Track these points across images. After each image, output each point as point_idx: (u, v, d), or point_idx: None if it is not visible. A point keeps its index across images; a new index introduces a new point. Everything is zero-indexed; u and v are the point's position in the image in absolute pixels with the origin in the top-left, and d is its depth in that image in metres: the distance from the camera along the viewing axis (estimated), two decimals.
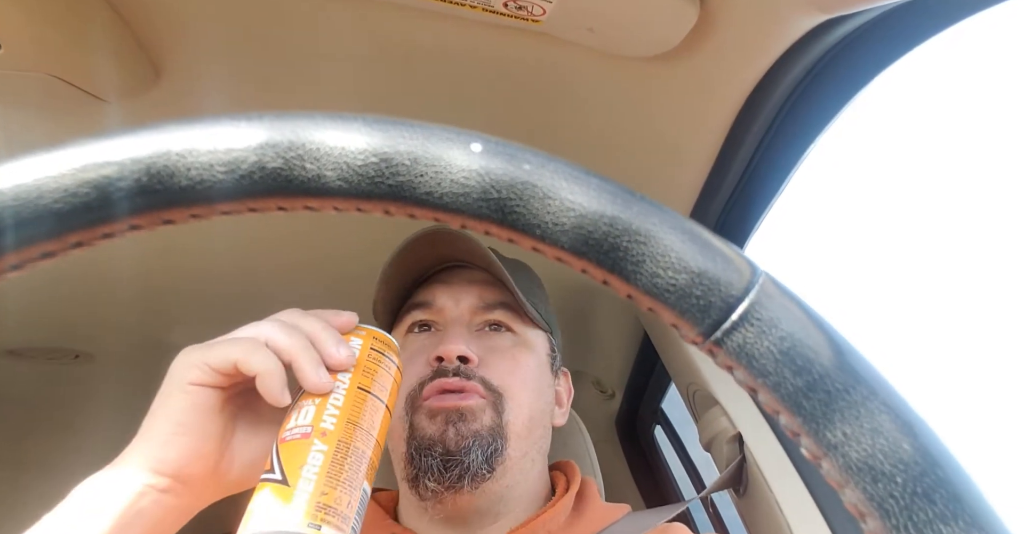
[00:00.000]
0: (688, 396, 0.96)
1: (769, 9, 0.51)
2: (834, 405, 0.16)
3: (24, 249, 0.17)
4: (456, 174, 0.17)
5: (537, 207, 0.17)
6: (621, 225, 0.17)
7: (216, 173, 0.17)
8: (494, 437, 0.52)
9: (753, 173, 0.71)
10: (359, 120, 0.17)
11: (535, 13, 0.52)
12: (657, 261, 0.17)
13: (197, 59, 0.61)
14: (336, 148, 0.17)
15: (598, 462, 0.78)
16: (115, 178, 0.16)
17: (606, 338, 1.22)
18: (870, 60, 0.56)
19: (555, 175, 0.17)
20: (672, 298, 0.17)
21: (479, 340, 0.57)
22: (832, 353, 0.16)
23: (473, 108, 0.68)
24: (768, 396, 0.16)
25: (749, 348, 0.16)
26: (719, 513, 1.03)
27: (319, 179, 0.17)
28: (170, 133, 0.17)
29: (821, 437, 0.16)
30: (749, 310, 0.16)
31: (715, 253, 0.17)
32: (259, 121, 0.17)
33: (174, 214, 0.17)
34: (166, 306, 1.06)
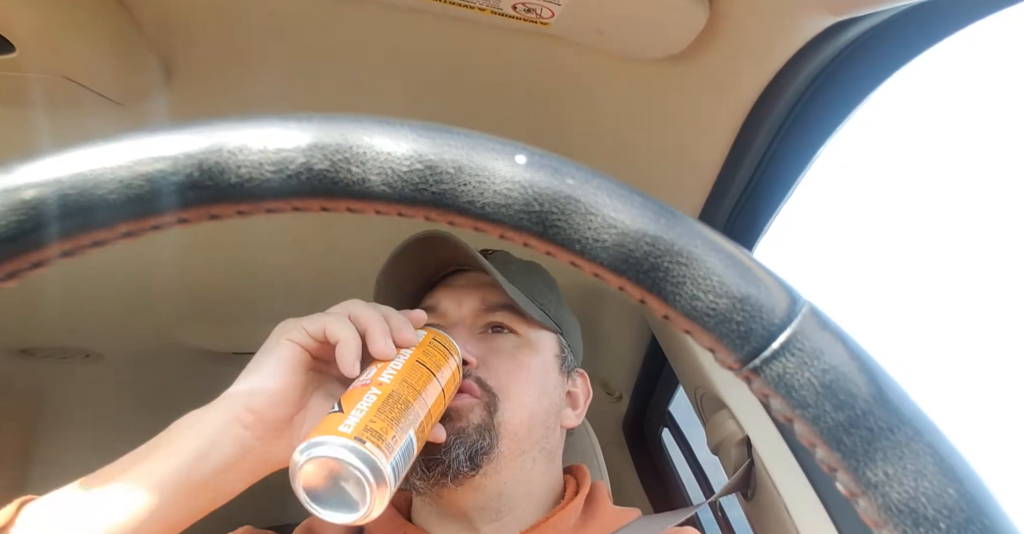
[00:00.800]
0: (696, 399, 0.95)
1: (779, 11, 0.51)
2: (877, 443, 0.15)
3: (77, 236, 0.17)
4: (499, 185, 0.17)
5: (579, 222, 0.17)
6: (663, 245, 0.16)
7: (265, 172, 0.17)
8: (481, 434, 0.53)
9: (762, 176, 0.70)
10: (406, 126, 0.17)
11: (544, 15, 0.52)
12: (698, 284, 0.16)
13: (208, 62, 0.61)
14: (382, 153, 0.17)
15: (605, 464, 0.78)
16: (169, 172, 0.17)
17: (614, 340, 1.21)
18: (881, 63, 0.56)
19: (598, 191, 0.17)
20: (711, 322, 0.16)
21: (481, 342, 0.58)
22: (877, 390, 0.16)
23: (482, 110, 0.68)
24: (806, 428, 0.16)
25: (789, 378, 0.16)
26: (727, 516, 1.02)
27: (364, 183, 0.17)
28: (223, 130, 0.17)
29: (861, 475, 0.15)
30: (791, 339, 0.16)
31: (758, 279, 0.17)
32: (308, 122, 0.17)
33: (221, 210, 0.18)
34: (174, 307, 1.07)
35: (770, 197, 0.73)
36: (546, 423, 0.58)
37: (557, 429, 0.60)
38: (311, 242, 0.92)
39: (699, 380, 0.90)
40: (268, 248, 0.93)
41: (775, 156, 0.67)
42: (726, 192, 0.73)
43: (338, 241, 0.92)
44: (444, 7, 0.52)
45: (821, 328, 0.16)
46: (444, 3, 0.52)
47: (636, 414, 1.43)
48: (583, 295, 1.06)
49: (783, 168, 0.69)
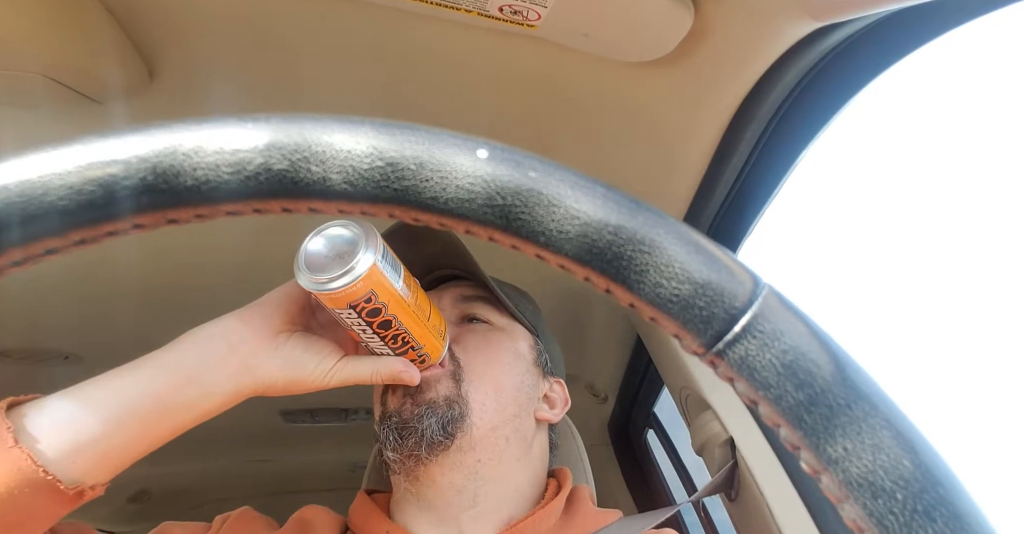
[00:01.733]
0: (680, 400, 0.96)
1: (763, 16, 0.52)
2: (836, 420, 0.16)
3: (28, 245, 0.17)
4: (462, 180, 0.17)
5: (542, 214, 0.17)
6: (625, 234, 0.17)
7: (222, 174, 0.17)
8: (450, 405, 0.54)
9: (746, 178, 0.71)
10: (366, 124, 0.17)
11: (530, 18, 0.52)
12: (661, 271, 0.16)
13: (191, 60, 0.61)
14: (342, 151, 0.17)
15: (591, 466, 0.78)
16: (121, 177, 0.16)
17: (599, 342, 1.22)
18: (862, 68, 0.57)
19: (561, 183, 0.17)
20: (675, 309, 0.17)
21: (456, 327, 0.60)
22: (835, 368, 0.16)
23: (467, 112, 0.68)
24: (769, 409, 0.16)
25: (751, 360, 0.16)
26: (710, 517, 1.03)
27: (324, 182, 0.17)
28: (177, 133, 0.17)
29: (822, 452, 0.16)
30: (752, 322, 0.16)
31: (719, 264, 0.17)
32: (266, 123, 0.17)
33: (179, 214, 0.17)
34: (155, 308, 1.06)
35: (754, 199, 0.74)
36: (517, 400, 0.58)
37: (531, 416, 0.60)
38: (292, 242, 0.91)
39: (684, 381, 0.90)
40: (251, 249, 0.92)
41: (759, 158, 0.68)
42: (711, 194, 0.74)
43: None
44: (430, 8, 0.52)
45: (781, 310, 0.17)
46: (430, 4, 0.52)
47: (621, 416, 1.44)
48: (568, 299, 1.06)
49: (767, 170, 0.69)
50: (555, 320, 0.70)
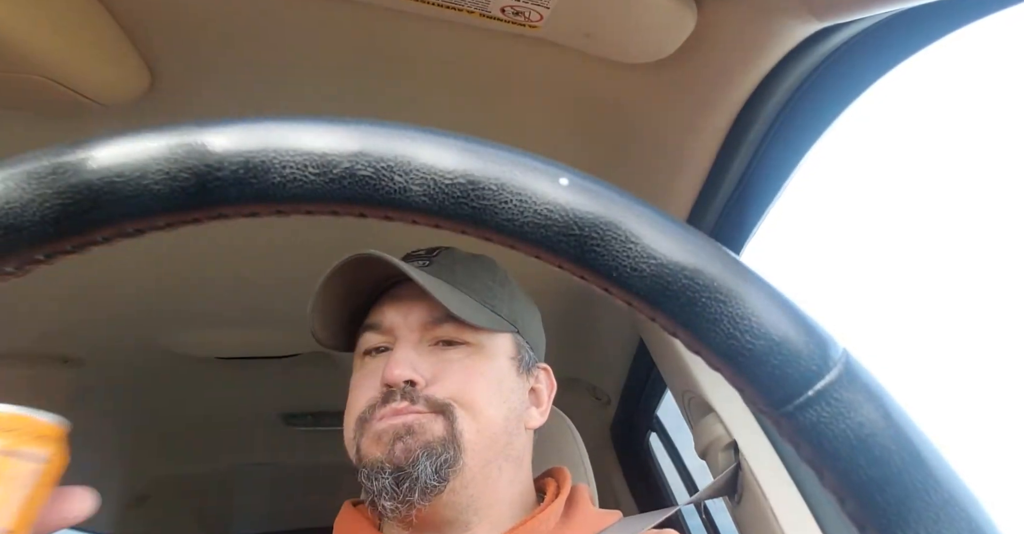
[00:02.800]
0: (683, 403, 0.96)
1: (765, 17, 0.51)
2: (910, 504, 0.15)
3: (117, 224, 0.17)
4: (540, 205, 0.17)
5: (618, 250, 0.16)
6: (702, 280, 0.16)
7: (308, 174, 0.17)
8: (445, 447, 0.52)
9: (750, 179, 0.71)
10: (451, 138, 0.17)
11: (532, 19, 0.52)
12: (736, 323, 0.16)
13: (191, 62, 0.61)
14: (427, 164, 0.17)
15: (593, 469, 0.77)
16: (215, 167, 0.17)
17: (602, 345, 1.21)
18: (865, 68, 0.57)
19: (640, 219, 0.17)
20: (745, 363, 0.16)
21: (431, 355, 0.56)
22: (913, 448, 0.15)
23: (469, 112, 0.68)
24: (836, 481, 0.16)
25: (823, 428, 0.16)
26: (713, 519, 1.03)
27: (404, 192, 0.17)
28: (270, 129, 0.17)
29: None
30: (828, 388, 0.16)
31: (798, 322, 0.16)
32: (356, 128, 0.17)
33: (261, 208, 0.18)
34: (156, 311, 1.06)
35: (758, 200, 0.74)
36: (508, 429, 0.56)
37: (522, 433, 0.59)
38: (291, 249, 0.91)
39: (687, 384, 0.90)
40: (248, 254, 0.92)
41: (763, 159, 0.68)
42: (715, 195, 0.74)
43: (317, 248, 0.91)
44: (433, 9, 0.52)
45: (859, 379, 0.16)
46: (433, 6, 0.52)
47: (624, 419, 1.43)
48: (570, 300, 1.05)
49: (771, 171, 0.69)
50: (558, 322, 0.69)
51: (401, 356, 0.55)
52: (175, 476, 1.91)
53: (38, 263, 0.17)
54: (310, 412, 1.60)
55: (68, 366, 1.22)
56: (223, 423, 1.62)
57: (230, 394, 1.44)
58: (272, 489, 2.20)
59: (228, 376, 1.34)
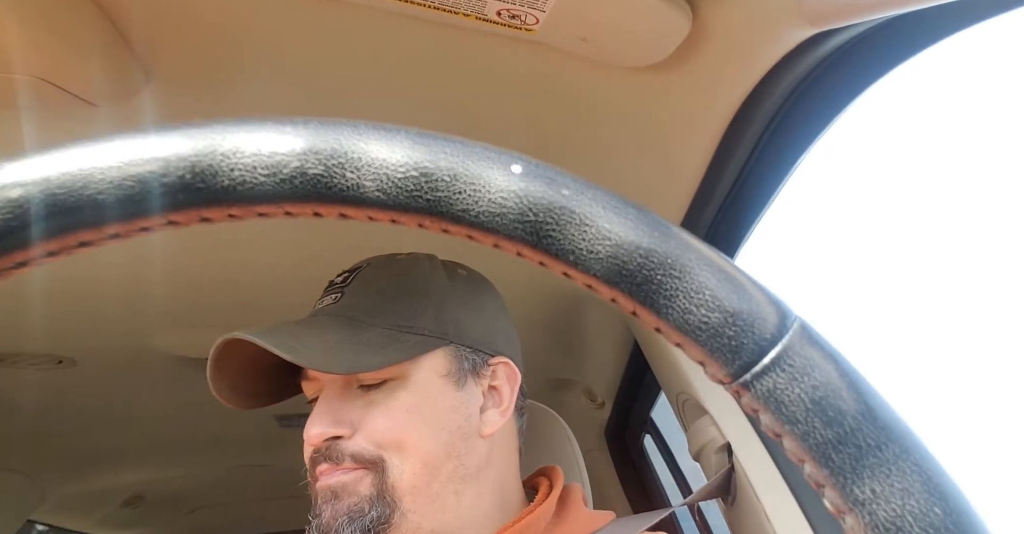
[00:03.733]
0: (677, 405, 0.96)
1: (760, 22, 0.52)
2: (865, 461, 0.15)
3: (63, 237, 0.17)
4: (495, 194, 0.17)
5: (573, 233, 0.17)
6: (657, 258, 0.16)
7: (258, 175, 0.17)
8: (372, 506, 0.50)
9: (744, 183, 0.71)
10: (403, 132, 0.17)
11: (528, 22, 0.52)
12: (691, 297, 0.16)
13: (189, 65, 0.60)
14: (378, 159, 0.17)
15: (587, 471, 0.78)
16: (160, 174, 0.17)
17: (596, 347, 1.22)
18: (860, 73, 0.57)
19: (593, 202, 0.17)
20: (703, 336, 0.16)
21: (358, 399, 0.54)
22: (866, 407, 0.16)
23: (465, 116, 0.68)
24: (795, 444, 0.16)
25: (779, 394, 0.16)
26: (706, 521, 1.03)
27: (358, 189, 0.17)
28: (217, 133, 0.17)
29: (848, 492, 0.16)
30: (782, 355, 0.16)
31: (751, 294, 0.17)
32: (304, 127, 0.17)
33: (212, 212, 0.17)
34: (150, 313, 1.05)
35: (752, 204, 0.74)
36: (453, 453, 0.54)
37: (476, 446, 0.55)
38: (288, 249, 0.91)
39: (681, 387, 0.90)
40: (244, 255, 0.91)
41: (757, 164, 0.68)
42: (709, 199, 0.74)
43: (316, 247, 0.91)
44: (428, 12, 0.52)
45: (812, 344, 0.16)
46: (428, 8, 0.52)
47: (618, 421, 1.43)
48: (564, 302, 1.06)
49: (765, 175, 0.69)
50: (552, 324, 0.69)
51: (320, 411, 0.53)
52: (169, 477, 1.90)
53: None
54: (303, 414, 1.59)
55: (62, 367, 1.21)
56: (216, 424, 1.61)
57: None
58: (266, 491, 2.19)
59: None
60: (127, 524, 2.14)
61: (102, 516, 2.01)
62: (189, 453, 1.77)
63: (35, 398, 1.35)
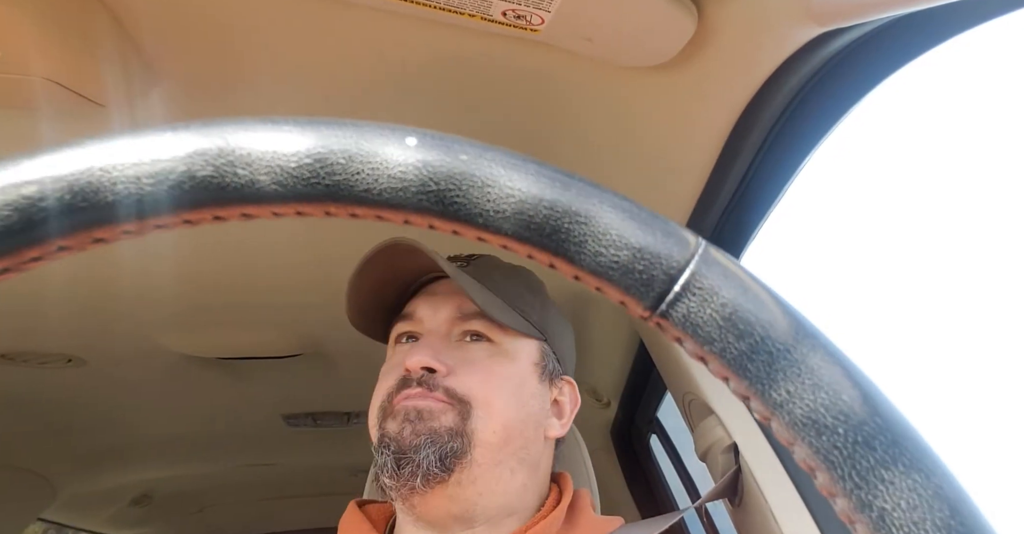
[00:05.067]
0: (684, 405, 0.96)
1: (766, 22, 0.51)
2: (776, 365, 0.16)
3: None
4: (393, 169, 0.17)
5: (477, 196, 0.17)
6: (561, 207, 0.17)
7: (144, 186, 0.16)
8: (452, 437, 0.52)
9: (750, 183, 0.71)
10: (289, 122, 0.17)
11: (533, 22, 0.52)
12: (598, 240, 0.17)
13: (194, 65, 0.61)
14: (267, 152, 0.17)
15: (594, 471, 0.78)
16: (36, 198, 0.16)
17: (601, 347, 1.21)
18: (866, 73, 0.57)
19: (492, 163, 0.17)
20: (616, 275, 0.17)
21: (456, 350, 0.57)
22: (772, 314, 0.16)
23: (470, 116, 0.68)
24: (716, 363, 0.17)
25: (693, 317, 0.17)
26: (713, 523, 1.03)
27: (253, 185, 0.17)
28: (92, 148, 0.16)
29: (767, 397, 0.16)
30: (690, 280, 0.17)
31: (654, 227, 0.17)
32: (185, 130, 0.17)
33: (104, 232, 0.17)
34: (158, 312, 1.06)
35: (758, 204, 0.74)
36: (524, 433, 0.56)
37: (540, 439, 0.59)
38: (297, 249, 0.91)
39: (687, 386, 0.90)
40: (253, 255, 0.92)
41: (763, 164, 0.68)
42: (714, 199, 0.74)
43: (325, 245, 0.91)
44: (433, 13, 0.52)
45: (717, 266, 0.17)
46: (433, 9, 0.52)
47: (624, 421, 1.43)
48: (570, 302, 1.06)
49: (771, 175, 0.69)
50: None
51: (424, 344, 0.56)
52: (176, 476, 1.91)
53: None
54: (310, 413, 1.60)
55: (72, 366, 1.22)
56: (224, 423, 1.62)
57: (231, 394, 1.45)
58: (273, 490, 2.20)
59: (229, 376, 1.34)
60: (136, 523, 2.15)
61: (111, 515, 2.03)
62: (197, 452, 1.79)
63: (45, 397, 1.36)
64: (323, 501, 2.21)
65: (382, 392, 0.57)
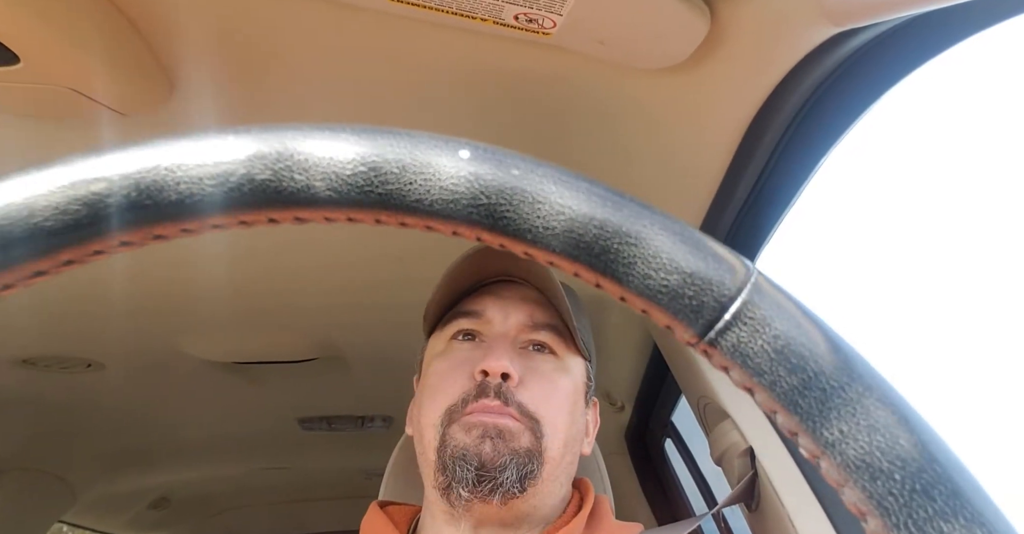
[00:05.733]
0: (699, 409, 0.95)
1: (780, 22, 0.51)
2: (830, 402, 0.16)
3: (15, 268, 0.17)
4: (445, 181, 0.17)
5: (527, 211, 0.17)
6: (611, 227, 0.17)
7: (205, 186, 0.17)
8: (530, 459, 0.52)
9: (764, 186, 0.70)
10: (347, 130, 0.17)
11: (545, 26, 0.53)
12: (648, 262, 0.17)
13: (213, 73, 0.62)
14: (324, 158, 0.17)
15: (608, 475, 0.77)
16: (104, 194, 0.16)
17: (616, 350, 1.21)
18: (882, 73, 0.56)
19: (544, 179, 0.17)
20: (665, 299, 0.17)
21: (522, 359, 0.57)
22: (826, 350, 0.16)
23: (484, 121, 0.68)
24: (764, 395, 0.16)
25: (743, 347, 0.16)
26: (730, 527, 1.02)
27: (308, 190, 0.17)
28: (159, 148, 0.17)
29: (818, 435, 0.16)
30: (742, 309, 0.16)
31: (706, 253, 0.17)
32: (247, 134, 0.17)
33: (165, 229, 0.17)
34: (176, 316, 1.07)
35: (773, 207, 0.73)
36: (574, 449, 0.58)
37: (577, 456, 0.60)
38: (313, 254, 0.92)
39: (702, 390, 0.89)
40: (270, 257, 0.93)
41: (777, 166, 0.67)
42: (728, 202, 0.73)
43: (341, 250, 0.92)
44: (446, 17, 0.53)
45: (770, 296, 0.17)
46: (446, 13, 0.52)
47: (639, 425, 1.42)
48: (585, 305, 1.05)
49: (786, 178, 0.69)
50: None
51: (502, 349, 0.56)
52: (194, 479, 1.93)
53: None
54: (325, 417, 1.61)
55: (91, 370, 1.24)
56: (240, 427, 1.63)
57: (247, 398, 1.46)
58: (288, 493, 2.21)
59: (245, 381, 1.36)
60: (154, 526, 2.17)
61: (130, 518, 2.05)
62: (214, 455, 1.80)
63: (65, 400, 1.38)
64: (338, 504, 2.22)
65: (452, 394, 0.55)
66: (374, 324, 1.10)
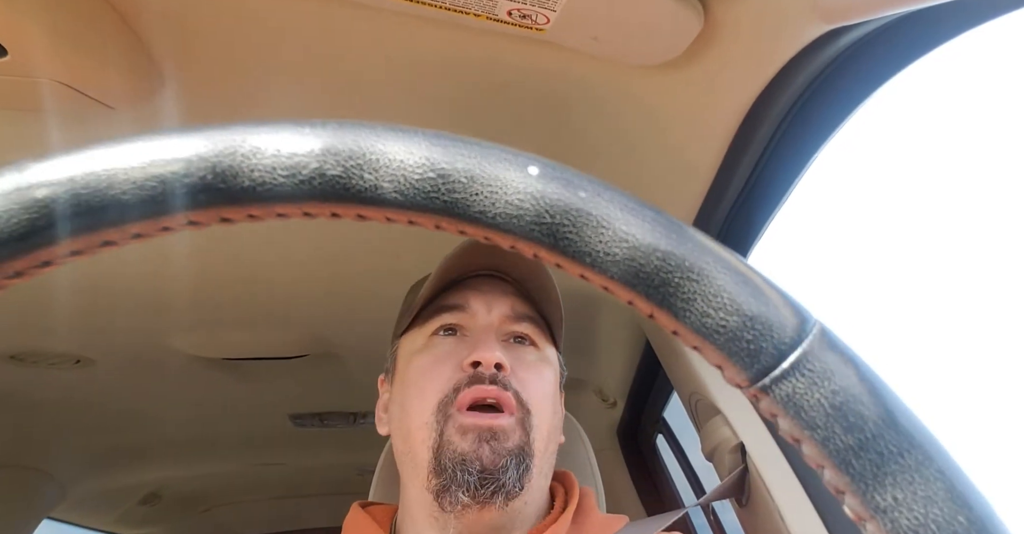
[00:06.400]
0: (690, 405, 0.95)
1: (773, 19, 0.51)
2: (886, 467, 0.15)
3: (87, 236, 0.17)
4: (511, 195, 0.17)
5: (590, 235, 0.17)
6: (674, 260, 0.16)
7: (277, 176, 0.17)
8: (524, 455, 0.52)
9: (757, 182, 0.71)
10: (420, 134, 0.17)
11: (539, 22, 0.52)
12: (709, 301, 0.16)
13: (204, 68, 0.61)
14: (395, 160, 0.17)
15: (599, 471, 0.78)
16: (182, 174, 0.17)
17: (608, 346, 1.21)
18: (875, 70, 0.56)
19: (610, 204, 0.17)
20: (721, 340, 0.16)
21: (506, 350, 0.57)
22: (887, 413, 0.16)
23: (477, 116, 0.68)
24: (815, 450, 0.16)
25: (799, 399, 0.16)
26: (720, 521, 1.02)
27: (375, 190, 0.17)
28: (238, 134, 0.17)
29: (869, 499, 0.15)
30: (801, 359, 0.16)
31: (769, 297, 0.16)
32: (323, 128, 0.17)
33: (232, 213, 0.18)
34: (166, 312, 1.06)
35: (765, 202, 0.73)
36: (556, 439, 0.58)
37: (558, 446, 0.60)
38: (304, 250, 0.91)
39: (693, 386, 0.90)
40: (260, 253, 0.92)
41: (770, 162, 0.67)
42: (721, 198, 0.74)
43: (331, 246, 0.91)
44: (439, 13, 0.52)
45: (832, 349, 0.16)
46: (440, 9, 0.52)
47: (631, 421, 1.43)
48: (578, 301, 1.05)
49: (778, 174, 0.69)
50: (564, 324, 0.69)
51: (491, 341, 0.55)
52: (184, 475, 1.92)
53: (9, 280, 0.17)
54: (317, 413, 1.60)
55: (80, 366, 1.23)
56: (231, 423, 1.63)
57: (238, 394, 1.45)
58: (280, 489, 2.21)
59: (236, 377, 1.35)
60: (144, 522, 2.16)
61: (120, 514, 2.04)
62: (205, 452, 1.79)
63: (54, 397, 1.37)
64: (331, 500, 2.22)
65: (443, 385, 0.54)
66: (366, 320, 1.10)
